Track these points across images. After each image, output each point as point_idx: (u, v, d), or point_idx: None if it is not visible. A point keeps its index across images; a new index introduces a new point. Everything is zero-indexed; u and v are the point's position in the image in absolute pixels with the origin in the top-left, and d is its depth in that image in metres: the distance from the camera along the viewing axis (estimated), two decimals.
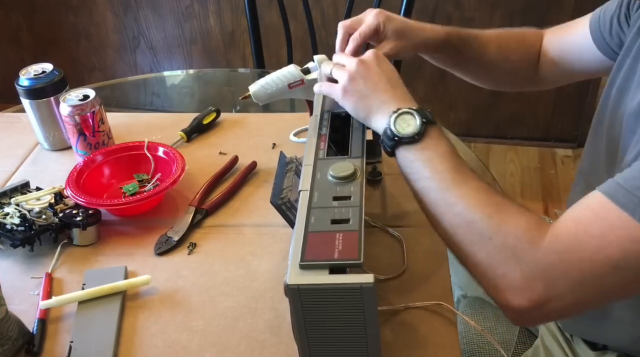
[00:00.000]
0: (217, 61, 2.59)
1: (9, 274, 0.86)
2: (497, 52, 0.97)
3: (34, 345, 0.74)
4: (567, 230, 0.60)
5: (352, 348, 0.61)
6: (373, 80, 0.76)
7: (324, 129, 0.80)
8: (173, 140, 1.12)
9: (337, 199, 0.67)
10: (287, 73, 1.00)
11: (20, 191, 0.96)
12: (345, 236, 0.61)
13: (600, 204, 0.59)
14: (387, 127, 0.70)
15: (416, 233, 0.88)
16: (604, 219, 0.58)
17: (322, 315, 0.59)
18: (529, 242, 0.61)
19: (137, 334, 0.76)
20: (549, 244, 0.60)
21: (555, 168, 2.39)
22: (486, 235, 0.63)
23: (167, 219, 0.94)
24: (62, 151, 1.14)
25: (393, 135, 0.70)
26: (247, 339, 0.74)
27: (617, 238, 0.57)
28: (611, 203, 0.58)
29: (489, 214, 0.63)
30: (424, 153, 0.69)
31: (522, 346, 1.00)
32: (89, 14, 2.57)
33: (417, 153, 0.69)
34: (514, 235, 0.62)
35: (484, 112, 2.48)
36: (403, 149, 0.70)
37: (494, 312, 1.03)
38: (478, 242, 0.63)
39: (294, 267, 0.58)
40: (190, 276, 0.84)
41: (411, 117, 0.70)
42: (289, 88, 0.99)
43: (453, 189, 0.66)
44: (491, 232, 0.63)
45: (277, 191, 0.77)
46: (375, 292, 0.56)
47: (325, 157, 0.74)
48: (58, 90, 1.09)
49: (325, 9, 2.33)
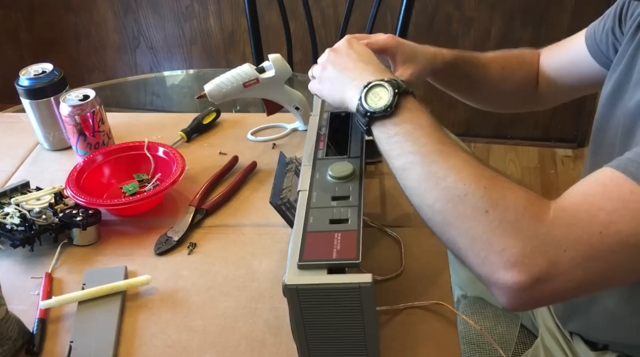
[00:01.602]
0: (217, 61, 2.59)
1: (9, 274, 0.86)
2: (500, 73, 0.97)
3: (34, 345, 0.74)
4: (575, 203, 0.57)
5: (350, 348, 0.61)
6: (342, 62, 0.73)
7: (323, 129, 0.80)
8: (173, 140, 1.12)
9: (335, 199, 0.67)
10: (242, 72, 1.00)
11: (20, 190, 0.96)
12: (344, 236, 0.61)
13: (612, 178, 0.57)
14: (359, 103, 0.66)
15: (416, 233, 0.88)
16: (616, 192, 0.56)
17: (321, 315, 0.59)
18: (531, 216, 0.57)
19: (137, 334, 0.76)
20: (554, 217, 0.56)
21: (555, 168, 2.39)
22: (482, 208, 0.58)
23: (167, 219, 0.94)
24: (62, 151, 1.14)
25: (365, 111, 0.65)
26: (247, 339, 0.74)
27: (630, 211, 0.55)
28: (623, 176, 0.56)
29: (485, 186, 0.59)
30: (402, 126, 0.64)
31: (522, 345, 1.00)
32: (89, 14, 2.58)
33: (395, 127, 0.65)
34: (514, 208, 0.57)
35: (484, 112, 2.44)
36: (379, 124, 0.66)
37: (494, 312, 1.03)
38: (472, 217, 0.58)
39: (293, 267, 0.59)
40: (190, 276, 0.84)
41: (382, 89, 0.66)
42: (244, 87, 1.00)
43: (441, 161, 0.61)
44: (488, 206, 0.58)
45: (277, 191, 0.77)
46: (373, 291, 0.56)
47: (324, 157, 0.74)
48: (58, 90, 1.09)
49: (325, 9, 2.33)
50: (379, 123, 0.66)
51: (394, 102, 0.64)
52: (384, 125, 0.65)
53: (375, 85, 0.66)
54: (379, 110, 0.65)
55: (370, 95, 0.66)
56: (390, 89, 0.65)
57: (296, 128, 1.14)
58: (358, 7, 1.66)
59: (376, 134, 0.67)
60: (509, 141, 2.51)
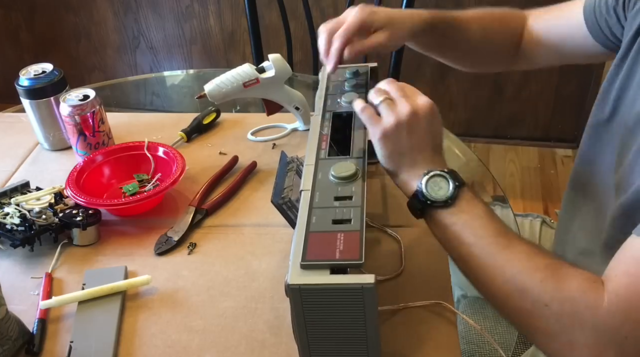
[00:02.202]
0: (217, 61, 2.59)
1: (9, 274, 0.86)
2: (480, 34, 0.94)
3: (34, 345, 0.74)
4: (624, 286, 0.57)
5: (352, 348, 0.61)
6: (418, 139, 0.70)
7: (326, 129, 0.80)
8: (173, 140, 1.12)
9: (338, 199, 0.67)
10: (242, 72, 1.00)
11: (20, 190, 0.96)
12: (347, 236, 0.61)
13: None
14: (419, 190, 0.67)
15: (416, 233, 0.88)
16: None
17: (323, 315, 0.59)
18: (587, 306, 0.57)
19: (137, 334, 0.76)
20: (609, 304, 0.57)
21: (555, 168, 2.39)
22: (541, 302, 0.59)
23: (167, 219, 0.94)
24: (62, 151, 1.14)
25: (425, 198, 0.67)
26: (247, 339, 0.74)
27: None
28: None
29: (541, 279, 0.60)
30: (460, 217, 0.66)
31: (522, 346, 1.00)
32: (89, 14, 2.58)
33: (453, 217, 0.66)
34: (571, 300, 0.58)
35: (484, 112, 2.48)
36: (435, 213, 0.67)
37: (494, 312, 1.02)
38: (534, 310, 0.60)
39: (295, 267, 0.58)
40: (190, 276, 0.84)
41: (443, 179, 0.67)
42: (244, 87, 1.00)
43: (499, 254, 0.63)
44: (547, 299, 0.59)
45: (278, 190, 0.77)
46: (376, 292, 0.56)
47: (326, 157, 0.74)
48: (58, 90, 1.09)
49: (325, 9, 2.33)
50: (435, 212, 0.67)
51: (454, 193, 0.66)
52: (441, 214, 0.67)
53: (436, 174, 0.67)
54: (440, 200, 0.66)
55: (431, 184, 0.67)
56: (451, 181, 0.66)
57: (296, 128, 1.14)
58: None
59: (431, 221, 0.69)
60: (509, 141, 2.51)
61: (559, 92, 2.33)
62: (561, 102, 2.36)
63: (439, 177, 0.67)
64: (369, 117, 0.72)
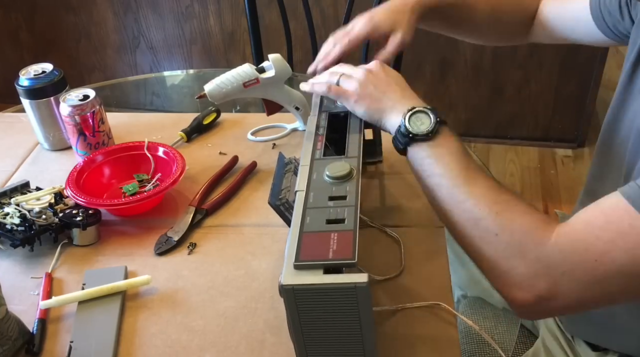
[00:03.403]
0: (217, 61, 2.59)
1: (9, 274, 0.86)
2: (490, 14, 0.99)
3: (34, 345, 0.74)
4: (575, 231, 0.61)
5: (348, 348, 0.61)
6: (382, 85, 0.79)
7: (321, 130, 0.80)
8: (173, 140, 1.12)
9: (332, 199, 0.67)
10: (242, 72, 1.00)
11: (20, 190, 0.96)
12: (340, 236, 0.61)
13: (615, 207, 0.59)
14: (402, 125, 0.72)
15: (416, 233, 0.88)
16: (615, 223, 0.58)
17: (318, 315, 0.59)
18: (534, 241, 0.62)
19: (137, 334, 0.76)
20: (554, 243, 0.61)
21: (555, 168, 2.39)
22: (492, 232, 0.65)
23: (167, 219, 0.94)
24: (62, 151, 1.14)
25: (407, 132, 0.72)
26: (247, 339, 0.74)
27: (626, 243, 0.57)
28: (627, 205, 0.58)
29: (496, 212, 0.65)
30: (436, 150, 0.71)
31: (522, 346, 1.00)
32: (89, 14, 2.58)
33: (430, 150, 0.71)
34: (520, 233, 0.63)
35: (484, 112, 2.48)
36: (416, 146, 0.72)
37: (494, 312, 1.03)
38: (485, 239, 0.65)
39: (289, 268, 0.59)
40: (190, 276, 0.84)
41: (425, 115, 0.72)
42: (244, 87, 1.00)
43: (463, 186, 0.68)
44: (498, 230, 0.64)
45: (276, 191, 0.77)
46: (369, 291, 0.56)
47: (321, 157, 0.74)
48: (58, 90, 1.09)
49: (325, 9, 2.33)
50: (416, 145, 0.72)
51: (435, 128, 0.71)
52: (420, 146, 0.72)
53: (419, 111, 0.72)
54: (421, 134, 0.71)
55: (413, 119, 0.72)
56: (432, 116, 0.71)
57: (296, 128, 1.14)
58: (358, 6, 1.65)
59: (411, 154, 0.73)
60: (509, 141, 2.51)
61: (559, 92, 2.34)
62: (561, 102, 2.36)
63: (421, 113, 0.72)
64: (336, 91, 0.82)
